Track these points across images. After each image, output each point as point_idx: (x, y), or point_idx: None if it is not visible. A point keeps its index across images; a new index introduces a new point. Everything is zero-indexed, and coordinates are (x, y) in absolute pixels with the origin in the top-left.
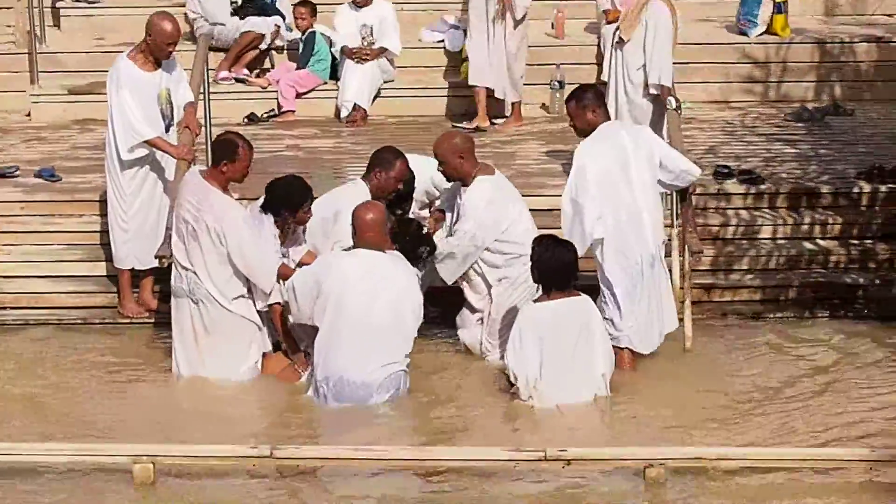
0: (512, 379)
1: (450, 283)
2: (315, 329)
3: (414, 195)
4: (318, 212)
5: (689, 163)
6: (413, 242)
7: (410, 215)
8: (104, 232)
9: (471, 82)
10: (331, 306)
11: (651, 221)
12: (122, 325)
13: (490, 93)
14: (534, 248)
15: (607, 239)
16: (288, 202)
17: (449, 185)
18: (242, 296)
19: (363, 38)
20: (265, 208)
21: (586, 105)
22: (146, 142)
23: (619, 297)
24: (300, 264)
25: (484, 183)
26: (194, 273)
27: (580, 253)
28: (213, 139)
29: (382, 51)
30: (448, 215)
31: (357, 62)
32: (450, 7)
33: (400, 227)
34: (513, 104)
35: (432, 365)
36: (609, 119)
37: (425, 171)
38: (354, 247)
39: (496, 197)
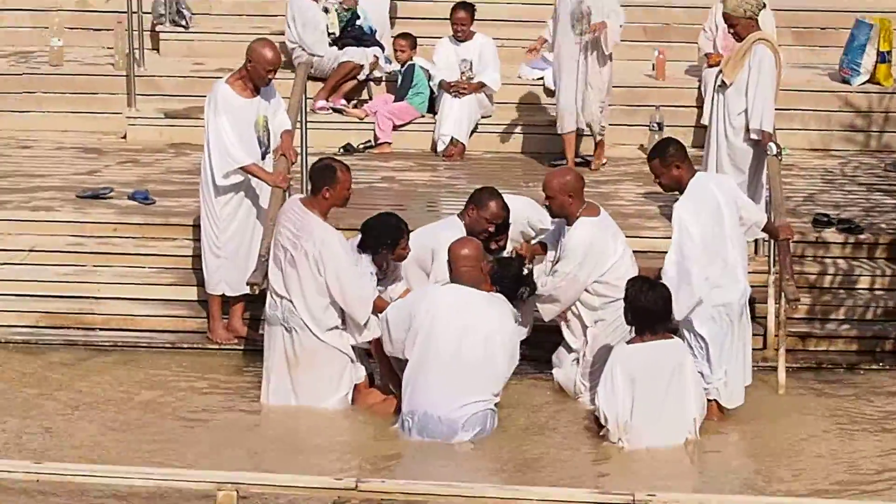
0: (602, 420)
1: (547, 320)
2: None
3: (509, 234)
4: (414, 248)
5: (761, 214)
6: (513, 283)
7: (505, 254)
8: (196, 256)
9: (562, 130)
10: (420, 339)
11: (743, 273)
12: (211, 351)
13: (580, 132)
14: (627, 290)
15: (704, 295)
16: (385, 240)
17: (545, 225)
18: (336, 327)
19: (462, 73)
20: (362, 248)
21: (671, 161)
22: (242, 168)
23: (710, 348)
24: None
25: (587, 224)
26: (290, 301)
27: (682, 316)
28: (308, 167)
29: (481, 86)
30: (551, 252)
31: (455, 96)
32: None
33: (501, 267)
34: (597, 142)
35: (524, 403)
36: (693, 172)
37: (522, 212)
38: (450, 282)
39: (598, 238)
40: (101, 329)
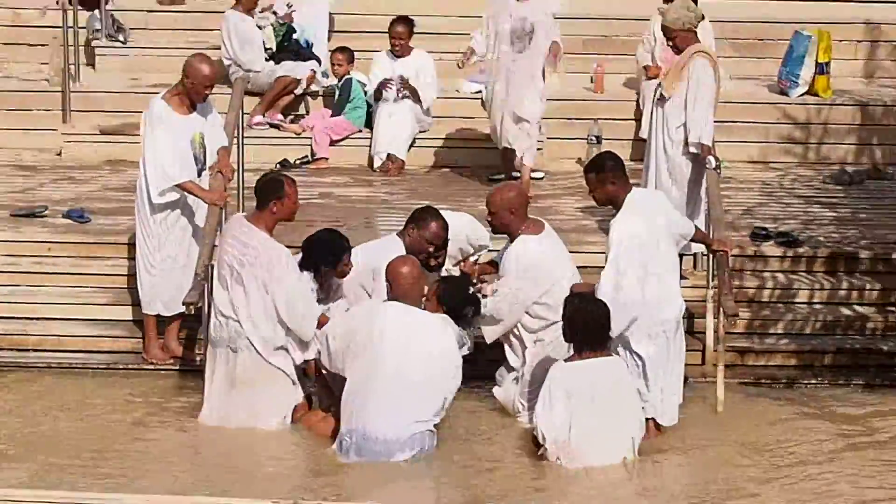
0: (540, 439)
1: (490, 342)
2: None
3: (448, 252)
4: (355, 266)
5: (689, 226)
6: (460, 302)
7: (443, 272)
8: (132, 275)
9: (504, 144)
10: (360, 357)
11: (677, 288)
12: (147, 371)
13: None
14: (566, 306)
15: (641, 311)
16: (327, 257)
17: (484, 242)
18: (283, 347)
19: (398, 90)
20: (304, 265)
21: (605, 177)
22: (178, 186)
23: (647, 366)
24: None
25: (527, 242)
26: (237, 321)
27: (618, 333)
28: (244, 184)
29: (416, 97)
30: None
31: (389, 96)
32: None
33: (448, 286)
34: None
35: (463, 422)
36: (629, 187)
37: (461, 229)
38: (390, 300)
39: (537, 257)
40: (34, 350)
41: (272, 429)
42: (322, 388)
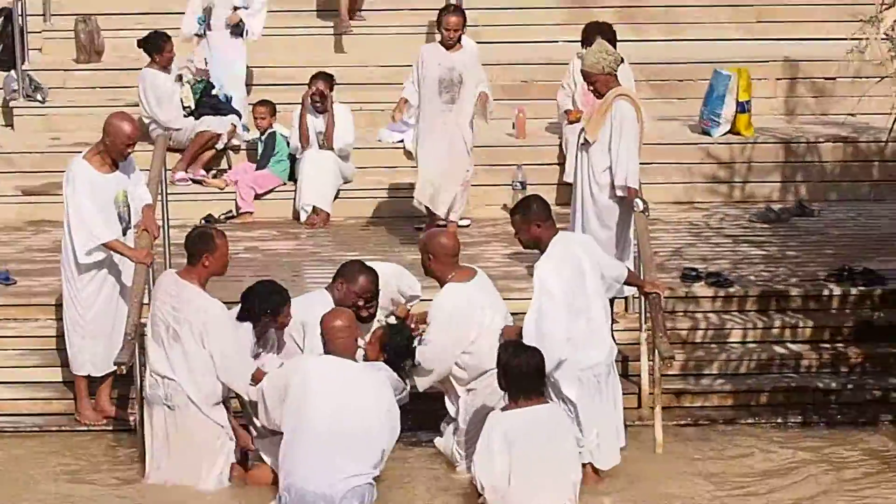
0: (479, 488)
1: (421, 390)
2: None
3: (379, 303)
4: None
5: (622, 269)
6: (399, 354)
7: (376, 322)
8: (60, 336)
9: (422, 199)
10: (294, 412)
11: (607, 331)
12: (80, 433)
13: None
14: (500, 354)
15: (569, 355)
16: (267, 308)
17: (414, 291)
18: (221, 402)
19: (320, 145)
20: (242, 317)
21: (531, 219)
22: (104, 245)
23: (579, 411)
24: None
25: (451, 290)
26: (173, 380)
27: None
28: (171, 240)
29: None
30: None
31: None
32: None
33: (392, 335)
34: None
35: (401, 473)
36: (555, 230)
37: (390, 279)
38: (326, 353)
39: (462, 306)
40: None
41: (212, 486)
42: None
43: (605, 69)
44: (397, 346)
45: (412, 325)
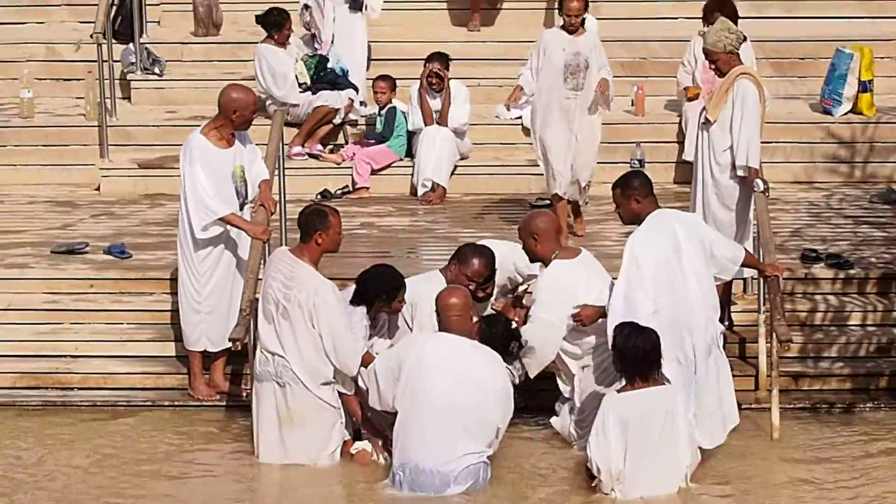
0: (594, 471)
1: (533, 375)
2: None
3: (496, 281)
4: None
5: (738, 250)
6: (503, 339)
7: (492, 302)
8: (175, 311)
9: (553, 191)
10: (410, 389)
11: (705, 311)
12: (193, 408)
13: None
14: (615, 336)
15: (661, 333)
16: (382, 292)
17: (532, 271)
18: (330, 381)
19: (437, 122)
20: (357, 301)
21: (631, 194)
22: (221, 219)
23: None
24: None
25: (556, 266)
26: (283, 357)
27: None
28: (286, 216)
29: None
30: None
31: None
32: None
33: (488, 325)
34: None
35: (518, 453)
36: (655, 207)
37: (507, 258)
38: (440, 331)
39: (567, 281)
40: (79, 388)
41: (323, 464)
42: (366, 422)
43: (726, 48)
44: (495, 336)
45: (515, 320)
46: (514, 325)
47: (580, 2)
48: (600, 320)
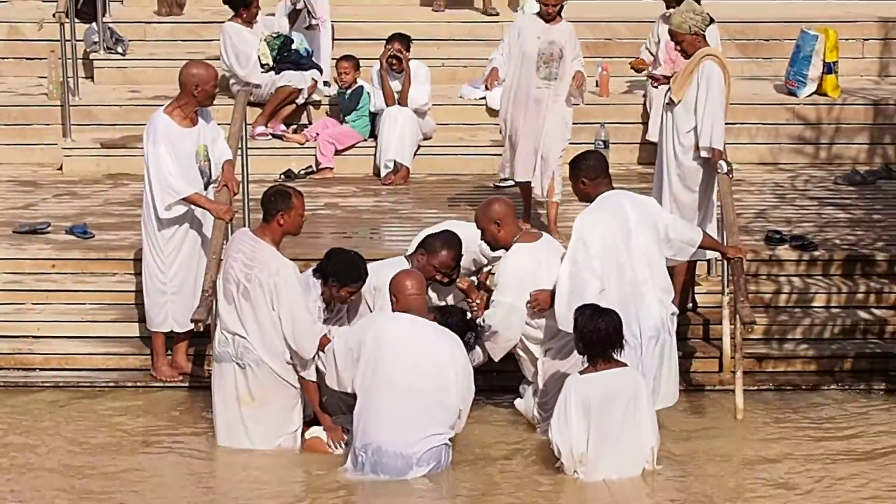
0: (556, 453)
1: (497, 359)
2: (355, 399)
3: (462, 264)
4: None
5: (694, 232)
6: (457, 330)
7: (457, 282)
8: (138, 291)
9: (515, 178)
10: (370, 370)
11: (654, 293)
12: (155, 389)
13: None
14: (576, 318)
15: (616, 302)
16: (340, 276)
17: (497, 253)
18: (291, 362)
19: (398, 102)
20: (316, 272)
21: (578, 174)
22: (185, 199)
23: None
24: None
25: (517, 250)
26: (244, 338)
27: (569, 329)
28: (250, 196)
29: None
30: None
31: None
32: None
33: (443, 316)
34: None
35: (481, 435)
36: (607, 188)
37: (473, 240)
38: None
39: (531, 265)
40: (40, 369)
41: (285, 445)
42: (320, 411)
43: (691, 29)
44: (450, 327)
45: (473, 300)
46: (468, 315)
47: None
48: None
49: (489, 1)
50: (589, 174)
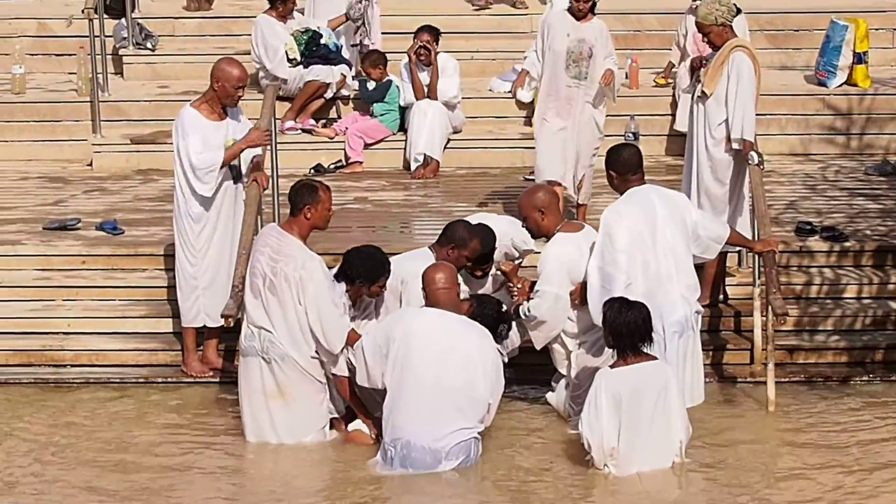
0: (586, 446)
1: (539, 348)
2: (385, 395)
3: (494, 256)
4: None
5: (722, 229)
6: (492, 320)
7: (498, 262)
8: (168, 287)
9: (542, 178)
10: (399, 365)
11: (679, 290)
12: (185, 384)
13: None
14: (605, 312)
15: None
16: (364, 274)
17: (528, 246)
18: (318, 357)
19: (427, 96)
20: (339, 277)
21: (609, 167)
22: (220, 166)
23: None
24: None
25: (559, 240)
26: (269, 332)
27: (598, 323)
28: (278, 191)
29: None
30: None
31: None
32: (519, 56)
33: (479, 305)
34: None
35: (512, 428)
36: (642, 182)
37: (506, 233)
38: (426, 307)
39: (574, 255)
40: (71, 365)
41: (313, 441)
42: (355, 401)
43: (718, 20)
44: (486, 318)
45: (515, 284)
46: (504, 307)
47: None
48: None
49: None
50: (618, 168)
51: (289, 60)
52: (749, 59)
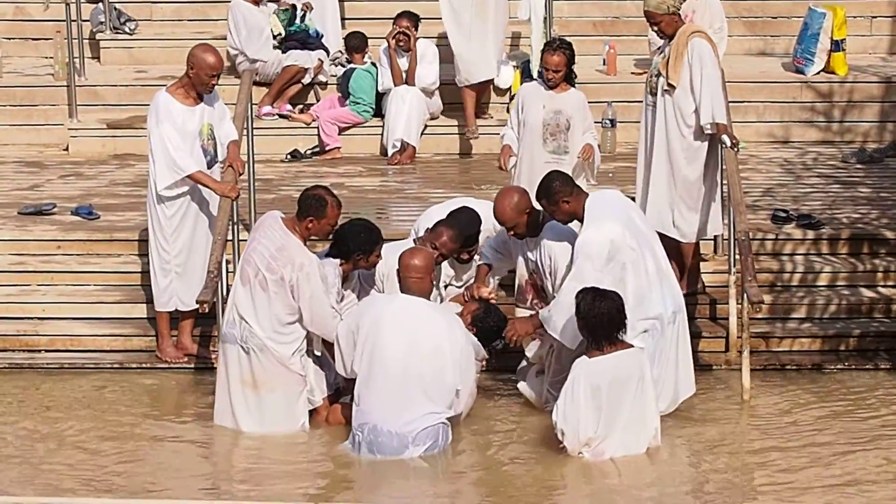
0: (559, 435)
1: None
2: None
3: (479, 241)
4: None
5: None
6: (490, 334)
7: (473, 263)
8: (143, 272)
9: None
10: (367, 351)
11: (660, 290)
12: (160, 370)
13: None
14: (578, 303)
15: (631, 295)
16: (364, 245)
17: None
18: (299, 350)
19: (405, 81)
20: (335, 255)
21: (557, 199)
22: (189, 177)
23: None
24: None
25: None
26: (248, 323)
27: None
28: (256, 175)
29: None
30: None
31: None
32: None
33: (484, 314)
34: None
35: (489, 417)
36: (585, 193)
37: (489, 220)
38: (402, 292)
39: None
40: (45, 350)
41: (286, 432)
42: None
43: (669, 8)
44: (487, 329)
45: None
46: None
47: (561, 56)
48: None
49: None
50: (565, 192)
51: (274, 37)
52: (708, 44)
